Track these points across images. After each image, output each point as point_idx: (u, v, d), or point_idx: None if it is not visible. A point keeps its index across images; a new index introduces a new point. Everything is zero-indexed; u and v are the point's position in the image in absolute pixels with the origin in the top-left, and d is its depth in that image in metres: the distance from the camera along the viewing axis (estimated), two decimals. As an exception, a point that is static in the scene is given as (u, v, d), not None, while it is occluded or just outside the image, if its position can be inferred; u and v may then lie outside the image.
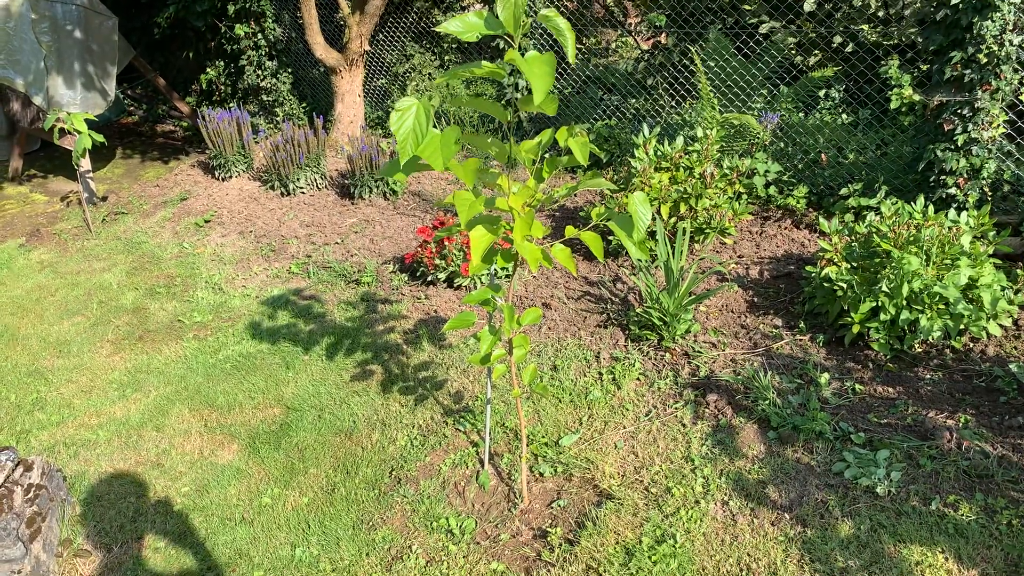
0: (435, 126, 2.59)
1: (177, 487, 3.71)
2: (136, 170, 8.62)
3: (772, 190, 5.38)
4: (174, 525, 3.48)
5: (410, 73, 8.60)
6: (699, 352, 4.11)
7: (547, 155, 2.89)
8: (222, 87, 9.00)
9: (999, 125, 4.36)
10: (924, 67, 4.89)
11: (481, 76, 2.47)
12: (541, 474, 3.52)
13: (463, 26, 2.37)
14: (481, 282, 5.00)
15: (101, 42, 7.56)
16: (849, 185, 5.03)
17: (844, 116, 5.80)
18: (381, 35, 9.02)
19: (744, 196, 5.33)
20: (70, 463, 3.90)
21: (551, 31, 2.40)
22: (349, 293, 5.28)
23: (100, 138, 6.50)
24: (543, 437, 3.72)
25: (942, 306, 3.67)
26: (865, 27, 5.87)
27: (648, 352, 4.19)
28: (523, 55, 2.31)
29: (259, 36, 8.44)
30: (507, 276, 5.08)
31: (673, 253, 4.29)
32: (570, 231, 2.92)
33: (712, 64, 6.10)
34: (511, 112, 2.60)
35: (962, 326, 3.67)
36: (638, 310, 4.34)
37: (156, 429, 4.13)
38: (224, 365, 4.65)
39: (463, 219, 2.54)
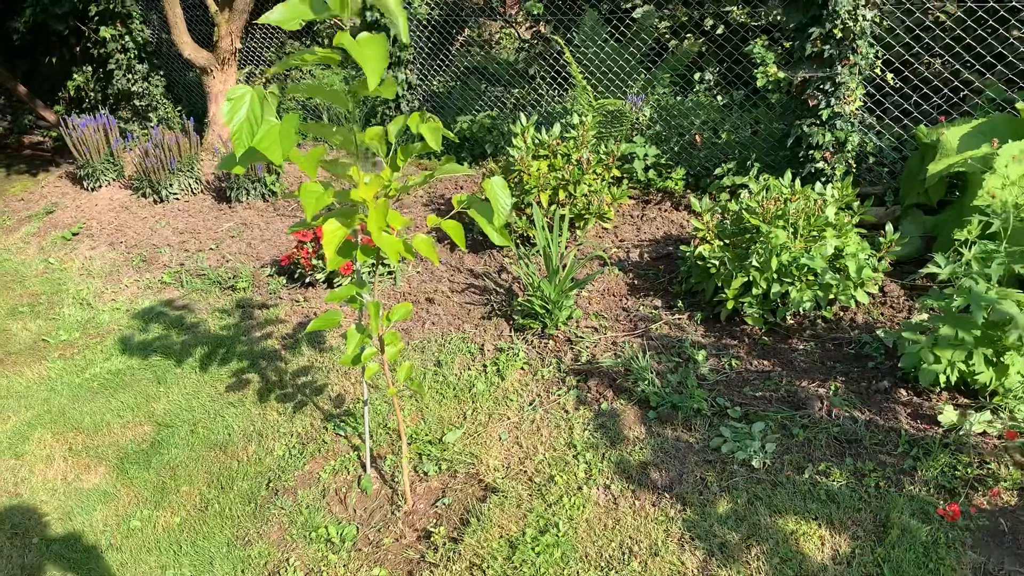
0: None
1: (37, 517, 3.47)
2: (1, 185, 8.13)
3: (651, 174, 5.40)
4: (33, 559, 3.25)
5: (290, 70, 8.36)
6: (581, 338, 4.08)
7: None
8: (91, 93, 8.56)
9: (857, 99, 4.48)
10: (788, 45, 4.99)
11: (313, 63, 2.34)
12: (425, 473, 3.43)
13: (286, 12, 2.24)
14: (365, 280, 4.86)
15: (-51, 49, 7.07)
16: (723, 164, 5.09)
17: (719, 98, 5.89)
18: (259, 32, 8.74)
19: (625, 181, 5.35)
20: (-83, 501, 3.61)
21: (381, 10, 2.29)
22: (224, 300, 5.06)
23: (-52, 151, 6.07)
24: (427, 435, 3.63)
25: (811, 277, 3.74)
26: (734, 8, 5.97)
27: (532, 341, 4.14)
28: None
29: (127, 39, 8.05)
30: (390, 273, 4.96)
31: (552, 240, 4.26)
32: (432, 220, 2.83)
33: (586, 51, 6.10)
34: (353, 101, 2.49)
35: (831, 296, 3.73)
36: (521, 299, 4.29)
37: (15, 457, 3.87)
38: (91, 384, 4.39)
39: (308, 212, 2.41)
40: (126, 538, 3.32)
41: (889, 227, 3.85)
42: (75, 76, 8.48)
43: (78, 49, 8.37)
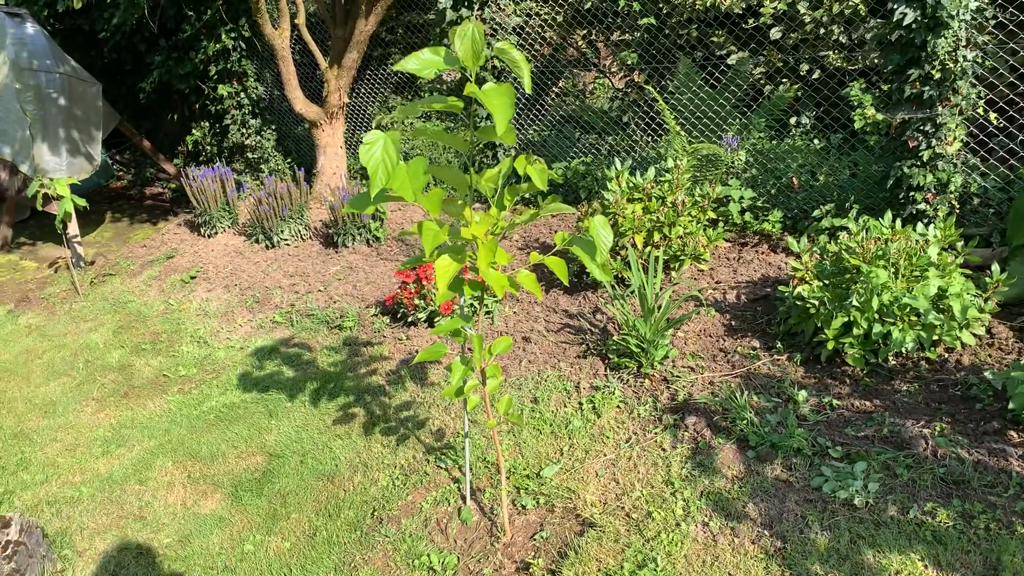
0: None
1: (159, 538, 3.69)
2: (125, 232, 8.70)
3: (748, 216, 5.43)
4: (156, 576, 3.45)
5: (393, 124, 8.73)
6: (677, 377, 4.11)
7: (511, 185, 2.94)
8: (208, 147, 9.13)
9: (958, 139, 4.42)
10: (886, 87, 4.98)
11: (440, 110, 2.52)
12: (523, 507, 3.50)
13: (420, 63, 2.43)
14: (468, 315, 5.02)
15: (85, 108, 7.69)
16: (821, 207, 5.08)
17: (816, 141, 5.88)
18: (363, 88, 9.17)
19: (720, 223, 5.39)
20: (53, 520, 3.88)
21: (507, 63, 2.46)
22: (332, 339, 5.29)
23: (82, 202, 6.58)
24: (525, 469, 3.71)
25: (914, 318, 3.69)
26: (831, 53, 5.98)
27: (627, 380, 4.20)
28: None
29: (242, 95, 8.61)
30: (487, 313, 5.10)
31: (647, 280, 4.32)
32: (535, 257, 2.95)
33: (680, 97, 6.20)
34: (471, 145, 2.67)
35: (935, 336, 3.68)
36: (615, 338, 4.36)
37: (139, 483, 4.12)
38: (208, 416, 4.65)
39: (427, 248, 2.57)
40: (240, 561, 3.50)
41: (995, 267, 3.78)
42: (194, 131, 9.08)
43: (197, 106, 8.97)
